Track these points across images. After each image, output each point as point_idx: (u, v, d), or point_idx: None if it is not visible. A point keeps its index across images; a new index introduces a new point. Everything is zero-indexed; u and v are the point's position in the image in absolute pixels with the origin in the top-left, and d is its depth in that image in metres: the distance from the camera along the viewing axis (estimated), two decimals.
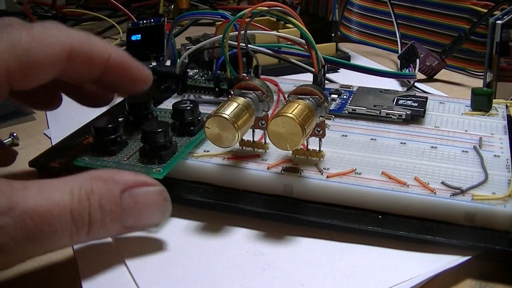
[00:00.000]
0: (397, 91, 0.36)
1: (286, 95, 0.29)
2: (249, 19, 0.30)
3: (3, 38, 0.21)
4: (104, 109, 0.35)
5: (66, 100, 0.29)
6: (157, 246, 0.24)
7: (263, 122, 0.27)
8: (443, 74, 0.48)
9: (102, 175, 0.21)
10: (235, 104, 0.25)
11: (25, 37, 0.21)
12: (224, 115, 0.24)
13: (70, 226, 0.19)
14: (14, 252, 0.18)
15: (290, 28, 0.46)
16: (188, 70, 0.36)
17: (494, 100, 0.34)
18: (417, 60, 0.46)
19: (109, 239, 0.24)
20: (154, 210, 0.22)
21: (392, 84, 0.45)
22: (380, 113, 0.32)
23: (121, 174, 0.21)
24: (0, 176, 0.19)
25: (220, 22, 0.37)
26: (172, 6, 0.73)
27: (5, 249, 0.18)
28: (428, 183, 0.25)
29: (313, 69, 0.33)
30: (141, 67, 0.27)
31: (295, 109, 0.24)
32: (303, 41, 0.32)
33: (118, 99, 0.40)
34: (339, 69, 0.47)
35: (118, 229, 0.21)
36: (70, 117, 0.35)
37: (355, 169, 0.26)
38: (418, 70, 0.46)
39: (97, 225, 0.20)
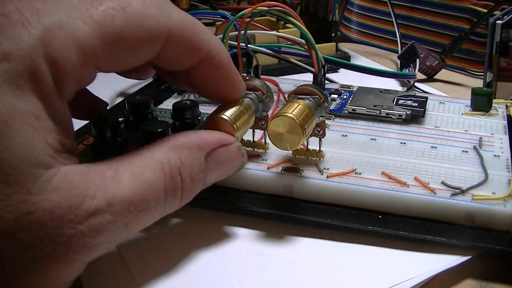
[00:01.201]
0: (397, 91, 0.36)
1: (286, 95, 0.29)
2: (249, 19, 0.30)
3: (93, 18, 0.18)
4: None
5: None
6: (156, 246, 0.24)
7: (263, 123, 0.27)
8: (443, 74, 0.48)
9: (185, 142, 0.21)
10: (234, 105, 0.25)
11: (119, 18, 0.18)
12: (223, 116, 0.24)
13: (164, 204, 0.19)
14: (110, 242, 0.18)
15: (290, 28, 0.46)
16: None
17: (494, 100, 0.34)
18: (417, 60, 0.46)
19: None
20: (234, 166, 0.23)
21: (392, 84, 0.45)
22: (380, 113, 0.32)
23: (202, 137, 0.21)
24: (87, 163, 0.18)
25: (220, 22, 0.37)
26: None
27: (103, 243, 0.18)
28: (428, 183, 0.25)
29: (313, 69, 0.33)
30: (236, 75, 0.23)
31: (295, 109, 0.24)
32: (303, 41, 0.32)
33: (117, 100, 0.41)
34: (339, 69, 0.47)
35: (199, 190, 0.21)
36: None
37: (355, 169, 0.26)
38: (418, 70, 0.46)
39: (187, 196, 0.20)
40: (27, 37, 0.17)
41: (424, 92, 0.43)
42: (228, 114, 0.24)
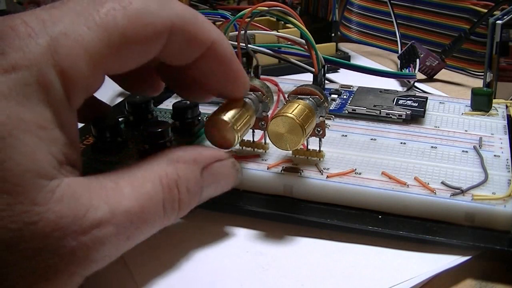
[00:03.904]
0: (397, 91, 0.36)
1: (286, 95, 0.29)
2: (249, 19, 0.30)
3: (96, 22, 0.18)
4: None
5: None
6: (156, 246, 0.24)
7: (263, 123, 0.27)
8: (443, 74, 0.48)
9: (182, 156, 0.21)
10: (235, 106, 0.25)
11: (122, 18, 0.18)
12: (224, 117, 0.24)
13: (162, 216, 0.20)
14: (111, 255, 0.18)
15: (290, 28, 0.46)
16: None
17: (494, 100, 0.34)
18: (417, 60, 0.46)
19: None
20: (229, 181, 0.23)
21: (392, 84, 0.45)
22: (380, 113, 0.32)
23: (199, 152, 0.22)
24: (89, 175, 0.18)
25: (220, 22, 0.37)
26: None
27: (106, 257, 0.18)
28: (428, 183, 0.25)
29: (313, 69, 0.33)
30: (239, 69, 0.23)
31: (295, 109, 0.24)
32: (303, 41, 0.32)
33: (117, 100, 0.41)
34: (339, 69, 0.47)
35: (196, 204, 0.22)
36: None
37: (355, 169, 0.26)
38: (418, 70, 0.46)
39: (184, 208, 0.21)
40: (34, 47, 0.17)
41: (424, 92, 0.43)
42: (228, 115, 0.24)
